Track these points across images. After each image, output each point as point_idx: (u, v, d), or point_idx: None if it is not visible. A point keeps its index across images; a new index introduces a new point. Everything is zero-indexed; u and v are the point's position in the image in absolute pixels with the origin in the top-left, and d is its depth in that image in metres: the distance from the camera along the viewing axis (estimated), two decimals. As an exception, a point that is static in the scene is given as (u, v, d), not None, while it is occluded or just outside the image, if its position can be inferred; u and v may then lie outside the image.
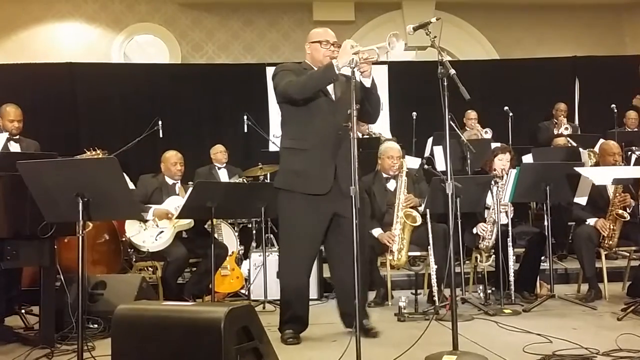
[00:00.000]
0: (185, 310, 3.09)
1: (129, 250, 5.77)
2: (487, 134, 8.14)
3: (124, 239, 5.69)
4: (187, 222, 5.61)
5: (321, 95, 4.11)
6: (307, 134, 4.13)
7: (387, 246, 5.27)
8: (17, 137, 5.95)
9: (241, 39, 11.04)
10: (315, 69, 4.18)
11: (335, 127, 4.01)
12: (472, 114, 8.31)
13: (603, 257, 5.47)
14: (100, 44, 10.76)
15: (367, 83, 4.08)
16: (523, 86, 9.74)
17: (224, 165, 7.74)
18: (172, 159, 5.91)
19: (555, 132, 8.38)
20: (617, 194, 5.34)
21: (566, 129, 8.23)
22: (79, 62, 9.81)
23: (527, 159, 6.89)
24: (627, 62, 10.32)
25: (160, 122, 7.29)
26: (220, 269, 5.84)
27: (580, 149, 7.19)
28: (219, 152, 7.79)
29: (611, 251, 5.54)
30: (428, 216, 5.12)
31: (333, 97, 4.16)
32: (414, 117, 8.51)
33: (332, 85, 4.10)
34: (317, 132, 4.09)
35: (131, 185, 6.00)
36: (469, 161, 6.43)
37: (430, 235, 5.06)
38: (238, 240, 6.61)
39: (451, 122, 4.63)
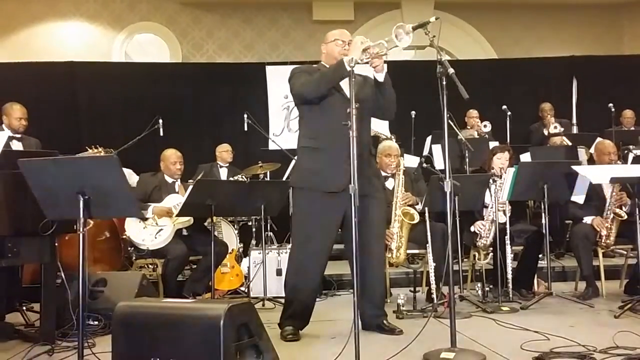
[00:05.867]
0: (185, 307, 3.12)
1: (129, 247, 5.79)
2: (487, 127, 8.16)
3: (124, 236, 5.70)
4: (186, 220, 5.63)
5: (335, 94, 4.14)
6: (322, 132, 4.17)
7: (386, 244, 5.29)
8: (20, 135, 5.98)
9: (241, 37, 11.07)
10: None
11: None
12: (473, 113, 8.32)
13: (600, 255, 5.49)
14: (101, 43, 10.81)
15: (380, 78, 4.12)
16: (521, 85, 9.75)
17: (227, 164, 7.76)
18: (172, 157, 5.93)
19: (546, 132, 8.38)
20: (614, 193, 5.37)
21: (555, 127, 8.23)
22: (80, 60, 9.83)
23: (525, 157, 6.90)
24: (625, 61, 10.37)
25: (160, 121, 7.30)
26: (220, 266, 5.87)
27: (578, 148, 7.20)
28: (224, 151, 7.79)
29: (608, 249, 5.56)
30: (427, 214, 5.14)
31: (348, 95, 4.17)
32: (413, 116, 8.52)
33: (346, 83, 4.10)
34: (331, 130, 4.08)
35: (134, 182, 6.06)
36: (467, 160, 6.45)
37: (428, 233, 5.09)
38: (238, 238, 6.63)
39: (450, 121, 4.65)
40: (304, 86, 4.15)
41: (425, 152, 7.69)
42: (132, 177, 6.42)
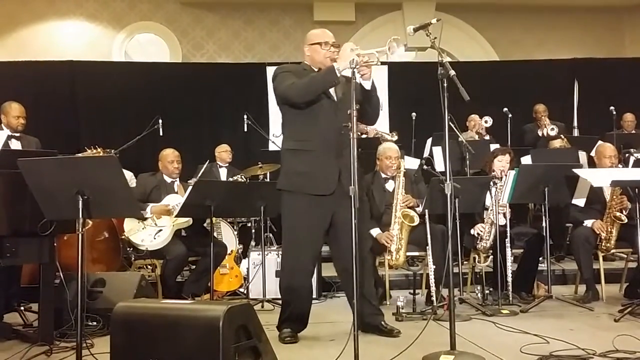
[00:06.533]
0: (184, 308, 3.11)
1: (128, 248, 5.78)
2: (488, 122, 8.15)
3: (123, 237, 5.70)
4: (185, 221, 5.63)
5: (323, 97, 4.11)
6: (310, 135, 4.13)
7: (386, 246, 5.29)
8: (18, 134, 5.97)
9: (242, 38, 11.07)
10: (315, 70, 4.19)
11: (337, 128, 3.93)
12: (476, 118, 8.31)
13: (600, 259, 5.48)
14: (102, 42, 10.79)
15: (367, 85, 4.08)
16: (522, 88, 9.75)
17: (226, 165, 7.76)
18: (170, 156, 5.95)
19: (540, 133, 8.37)
20: (615, 196, 5.36)
21: (552, 129, 8.22)
22: (80, 60, 9.84)
23: (526, 160, 6.90)
24: (627, 64, 10.37)
25: (160, 121, 7.29)
26: (219, 267, 5.86)
27: (579, 151, 7.20)
28: (224, 152, 7.80)
29: (608, 253, 5.55)
30: (427, 216, 5.13)
31: (335, 98, 4.16)
32: (414, 118, 8.53)
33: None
34: (320, 133, 4.08)
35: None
36: (467, 162, 6.44)
37: (428, 236, 5.08)
38: (237, 239, 6.62)
39: (450, 123, 4.65)
40: (291, 89, 4.08)
41: (426, 154, 7.68)
42: (132, 182, 6.40)
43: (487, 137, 8.16)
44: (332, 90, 4.13)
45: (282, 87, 4.12)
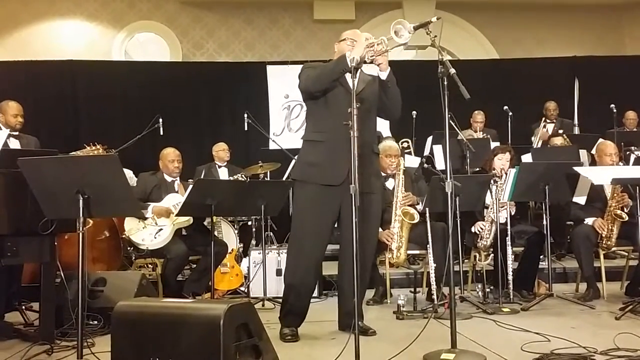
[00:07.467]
0: (185, 307, 3.11)
1: (129, 247, 5.78)
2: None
3: (123, 236, 5.69)
4: (186, 220, 5.63)
5: (341, 90, 4.14)
6: (325, 126, 4.17)
7: (386, 244, 5.29)
8: (17, 133, 5.97)
9: (242, 37, 11.07)
10: None
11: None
12: (478, 117, 8.30)
13: (601, 257, 5.48)
14: (101, 42, 10.81)
15: (383, 76, 4.13)
16: (523, 86, 9.75)
17: (225, 163, 7.73)
18: (170, 156, 5.95)
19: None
20: (615, 194, 5.35)
21: (544, 127, 8.29)
22: (80, 59, 9.85)
23: (527, 158, 6.89)
24: (626, 62, 10.37)
25: (160, 120, 7.29)
26: (219, 266, 5.86)
27: (580, 149, 7.19)
28: (221, 150, 7.75)
29: (609, 251, 5.54)
30: (427, 215, 5.13)
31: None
32: (414, 116, 8.52)
33: (354, 79, 4.07)
34: (335, 125, 4.05)
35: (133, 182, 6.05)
36: (468, 160, 6.44)
37: (429, 234, 5.08)
38: (238, 237, 6.62)
39: (451, 122, 4.64)
40: (307, 80, 4.17)
41: (426, 153, 7.68)
42: (131, 181, 6.40)
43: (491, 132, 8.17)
44: (350, 83, 4.11)
45: (300, 81, 4.22)
